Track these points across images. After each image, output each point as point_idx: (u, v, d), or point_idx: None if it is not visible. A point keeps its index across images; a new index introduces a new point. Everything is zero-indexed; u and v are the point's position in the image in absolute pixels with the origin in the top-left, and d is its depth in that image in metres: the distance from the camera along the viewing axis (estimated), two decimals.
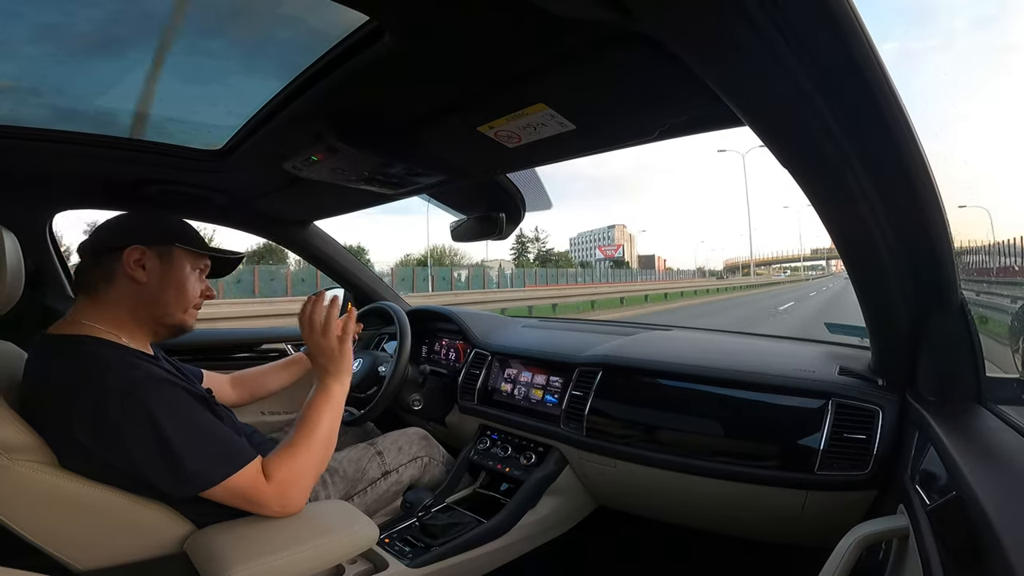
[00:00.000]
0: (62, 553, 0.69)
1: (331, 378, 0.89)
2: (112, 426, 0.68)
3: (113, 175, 1.10)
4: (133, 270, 0.79)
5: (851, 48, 0.44)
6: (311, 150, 0.87)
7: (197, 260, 0.87)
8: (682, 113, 0.73)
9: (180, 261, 0.84)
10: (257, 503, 0.76)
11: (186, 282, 0.85)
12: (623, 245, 75.97)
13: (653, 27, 0.50)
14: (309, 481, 0.81)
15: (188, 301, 0.86)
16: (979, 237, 12.69)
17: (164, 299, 0.82)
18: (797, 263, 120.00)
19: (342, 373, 0.90)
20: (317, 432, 0.83)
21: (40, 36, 0.70)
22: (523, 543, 1.18)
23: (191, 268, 0.86)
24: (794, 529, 1.01)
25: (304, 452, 0.81)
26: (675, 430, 1.11)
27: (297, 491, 0.79)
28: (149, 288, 0.81)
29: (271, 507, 0.77)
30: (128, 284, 0.79)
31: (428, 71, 0.68)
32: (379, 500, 1.12)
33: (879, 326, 0.88)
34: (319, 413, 0.85)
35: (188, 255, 0.85)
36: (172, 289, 0.83)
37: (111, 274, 0.79)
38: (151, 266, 0.81)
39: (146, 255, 0.80)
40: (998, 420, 0.70)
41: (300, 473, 0.79)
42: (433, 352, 1.71)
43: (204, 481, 0.72)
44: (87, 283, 0.80)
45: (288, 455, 0.80)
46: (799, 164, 0.61)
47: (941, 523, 0.54)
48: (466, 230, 1.36)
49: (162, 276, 0.82)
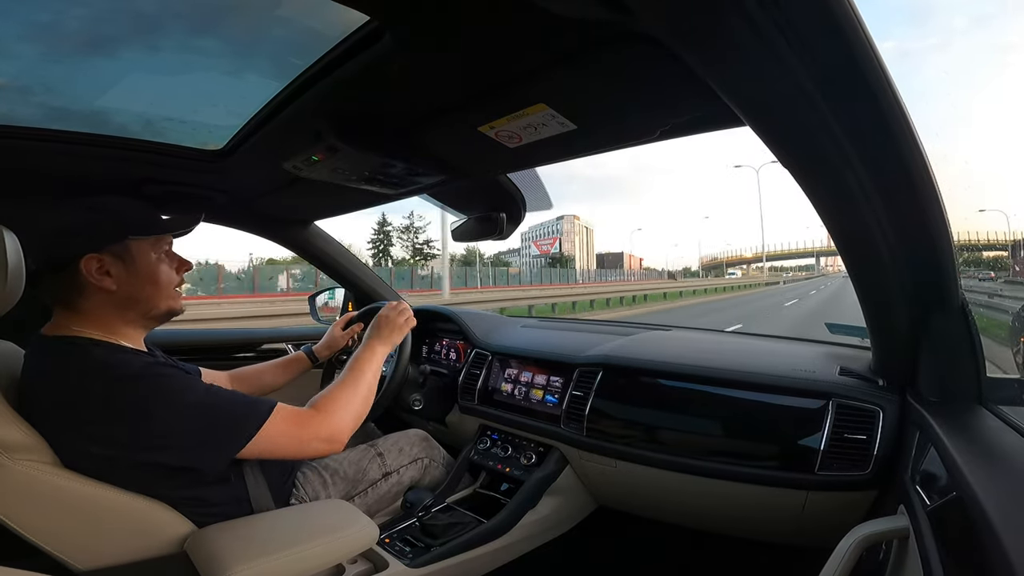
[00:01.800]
0: (62, 553, 0.69)
1: (381, 343, 1.02)
2: (129, 412, 0.69)
3: (114, 175, 1.10)
4: (99, 280, 0.75)
5: (851, 47, 0.44)
6: (311, 150, 0.87)
7: (158, 242, 0.82)
8: (683, 113, 0.73)
9: (142, 253, 0.79)
10: (300, 438, 0.79)
11: (157, 272, 0.80)
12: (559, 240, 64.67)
13: (654, 27, 0.50)
14: (351, 414, 0.87)
15: (167, 287, 0.82)
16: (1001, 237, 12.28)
17: (142, 296, 0.79)
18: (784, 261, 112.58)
19: (393, 342, 1.05)
20: (363, 378, 0.92)
21: (33, 35, 0.70)
22: (523, 543, 1.17)
23: (155, 254, 0.81)
24: (794, 529, 1.01)
25: (351, 390, 0.89)
26: (675, 430, 1.11)
27: (342, 419, 0.84)
28: (122, 291, 0.77)
29: (319, 433, 0.81)
30: (100, 293, 0.76)
31: (429, 71, 0.68)
32: (379, 501, 1.12)
33: (880, 326, 0.87)
34: (366, 363, 0.95)
35: (147, 242, 0.80)
36: (147, 284, 0.79)
37: (78, 287, 0.75)
38: (115, 270, 0.76)
39: (105, 261, 0.75)
40: (999, 420, 0.70)
41: (345, 405, 0.86)
42: (433, 352, 1.71)
43: (241, 438, 0.74)
44: (61, 300, 0.76)
45: (336, 391, 0.87)
46: (800, 164, 0.61)
47: (941, 523, 0.54)
48: (466, 230, 1.36)
49: (130, 275, 0.77)
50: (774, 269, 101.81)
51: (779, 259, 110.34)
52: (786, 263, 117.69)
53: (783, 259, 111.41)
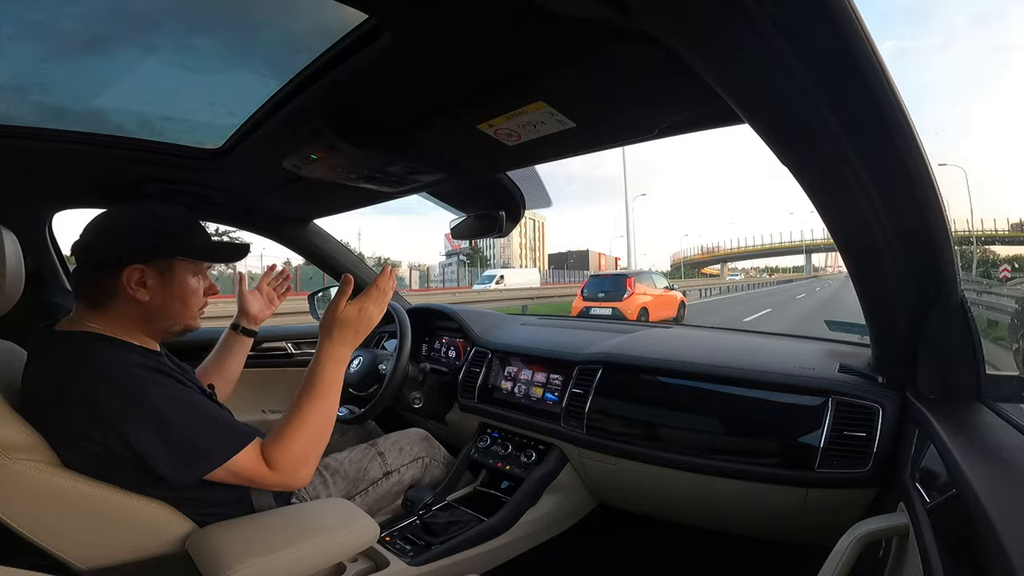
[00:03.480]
0: (63, 552, 0.69)
1: (348, 346, 0.84)
2: (109, 413, 0.68)
3: (112, 174, 1.10)
4: (135, 290, 0.76)
5: (850, 46, 0.44)
6: (310, 148, 0.87)
7: (200, 264, 0.84)
8: (682, 111, 0.73)
9: (183, 273, 0.81)
10: (260, 479, 0.76)
11: (190, 294, 0.82)
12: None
13: (652, 24, 0.49)
14: (311, 452, 0.80)
15: (194, 309, 0.84)
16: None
17: (169, 313, 0.81)
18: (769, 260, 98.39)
19: (355, 342, 0.86)
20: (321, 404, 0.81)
21: (27, 34, 0.69)
22: (523, 541, 1.18)
23: (193, 276, 0.83)
24: (794, 527, 1.01)
25: (308, 425, 0.79)
26: (675, 428, 1.11)
27: (303, 462, 0.79)
28: (153, 304, 0.78)
29: (279, 481, 0.77)
30: (131, 301, 0.77)
31: (427, 69, 0.68)
32: (380, 500, 1.13)
33: (879, 323, 0.87)
34: (325, 383, 0.81)
35: (190, 264, 0.82)
36: (177, 303, 0.81)
37: (114, 291, 0.76)
38: (153, 284, 0.78)
39: (147, 273, 0.77)
40: (998, 418, 0.70)
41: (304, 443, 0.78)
42: (433, 350, 1.71)
43: (211, 462, 0.72)
44: (89, 296, 0.78)
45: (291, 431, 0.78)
46: (799, 162, 0.61)
47: (941, 521, 0.54)
48: (466, 228, 1.36)
49: (165, 291, 0.79)
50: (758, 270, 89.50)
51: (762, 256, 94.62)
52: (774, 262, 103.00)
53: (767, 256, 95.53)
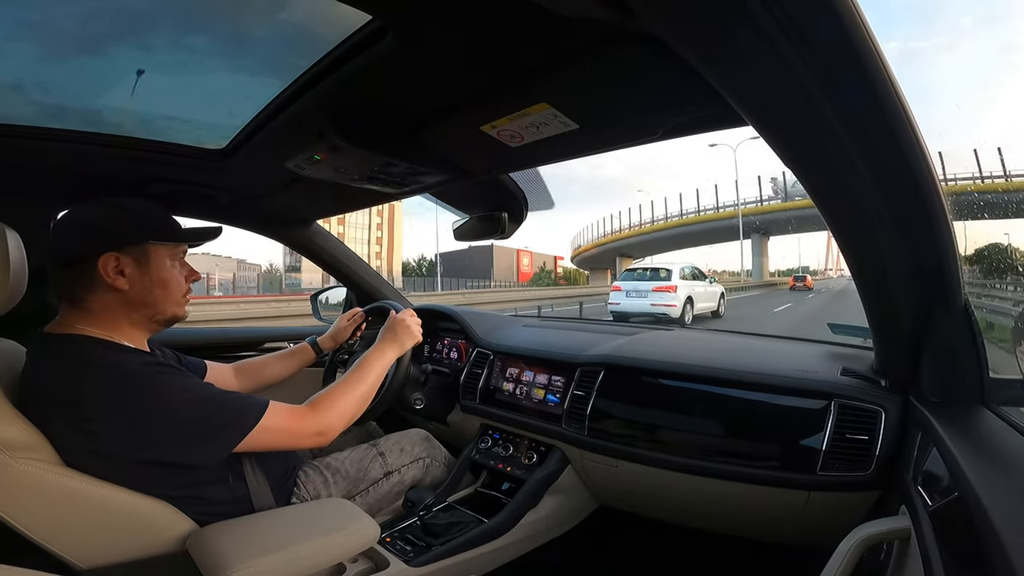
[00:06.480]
0: (64, 551, 0.69)
1: (392, 346, 1.05)
2: (129, 414, 0.69)
3: (116, 174, 1.10)
4: (113, 279, 0.76)
5: (855, 47, 0.44)
6: (313, 149, 0.87)
7: (175, 249, 0.84)
8: (685, 113, 0.73)
9: (158, 258, 0.81)
10: (293, 432, 0.82)
11: (170, 278, 0.82)
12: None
13: (655, 26, 0.50)
14: (346, 413, 0.89)
15: (176, 294, 0.84)
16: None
17: (151, 299, 0.81)
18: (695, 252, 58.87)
19: (404, 347, 1.09)
20: (365, 380, 0.95)
21: (25, 34, 0.70)
22: (524, 542, 1.18)
23: (171, 260, 0.83)
24: (796, 529, 1.01)
25: (351, 390, 0.91)
26: (677, 430, 1.10)
27: (335, 415, 0.87)
28: (133, 292, 0.78)
29: (311, 428, 0.84)
30: (110, 292, 0.77)
31: (431, 71, 0.68)
32: (381, 500, 1.12)
33: (882, 326, 0.87)
34: (375, 363, 0.99)
35: (165, 248, 0.82)
36: (157, 288, 0.81)
37: (90, 284, 0.76)
38: (130, 271, 0.78)
39: (122, 261, 0.77)
40: (1001, 421, 0.70)
41: (342, 403, 0.89)
42: (435, 351, 1.71)
43: (239, 432, 0.76)
44: (70, 295, 0.77)
45: (336, 389, 0.90)
46: (803, 164, 0.61)
47: (943, 524, 0.54)
48: (468, 229, 1.36)
49: (143, 278, 0.79)
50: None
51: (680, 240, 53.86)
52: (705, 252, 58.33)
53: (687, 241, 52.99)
